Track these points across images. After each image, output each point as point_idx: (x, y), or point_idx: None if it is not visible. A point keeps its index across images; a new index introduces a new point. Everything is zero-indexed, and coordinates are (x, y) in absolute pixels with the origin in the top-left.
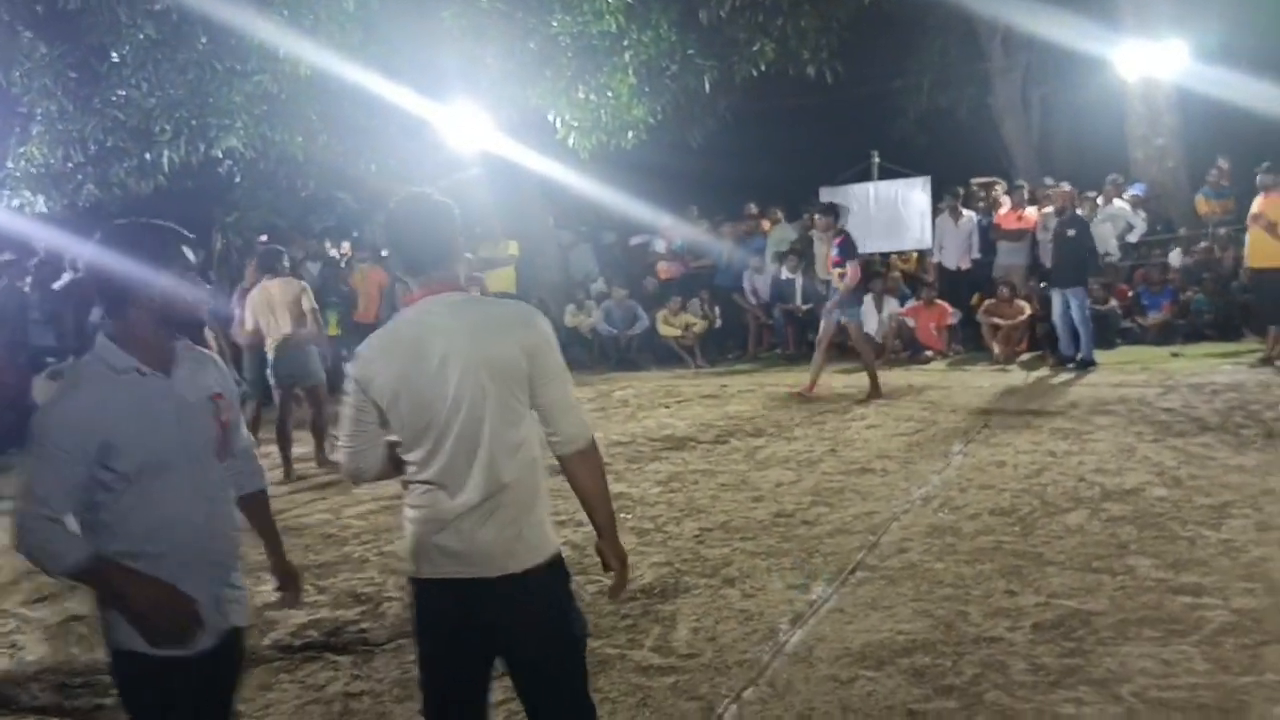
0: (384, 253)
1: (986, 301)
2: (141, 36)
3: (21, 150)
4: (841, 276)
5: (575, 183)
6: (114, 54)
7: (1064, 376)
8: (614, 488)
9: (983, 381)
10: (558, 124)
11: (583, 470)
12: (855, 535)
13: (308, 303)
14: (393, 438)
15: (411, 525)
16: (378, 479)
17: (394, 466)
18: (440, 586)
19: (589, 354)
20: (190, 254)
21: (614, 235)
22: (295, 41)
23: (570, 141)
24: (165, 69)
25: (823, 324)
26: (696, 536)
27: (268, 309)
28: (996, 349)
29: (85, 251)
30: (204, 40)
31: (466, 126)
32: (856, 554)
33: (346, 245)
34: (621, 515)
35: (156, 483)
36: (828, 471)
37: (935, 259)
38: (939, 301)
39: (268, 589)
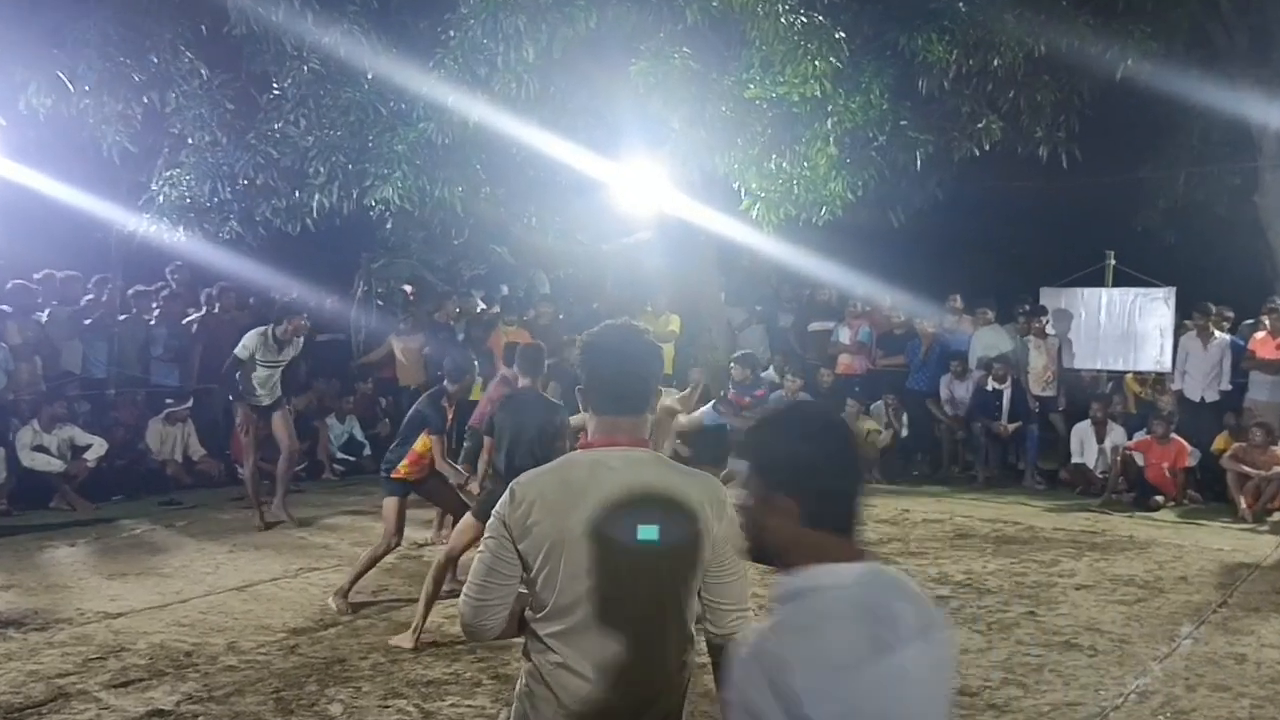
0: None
1: (1235, 445)
2: (306, 70)
3: (168, 174)
4: None
5: (754, 255)
6: (275, 86)
7: None
8: None
9: (1223, 542)
10: (742, 193)
11: None
12: None
13: None
14: (524, 593)
15: (539, 705)
16: (497, 639)
17: (518, 626)
18: None
19: None
20: None
21: (792, 318)
22: (466, 90)
23: (754, 214)
24: (327, 106)
25: None
26: None
27: None
28: (1243, 503)
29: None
30: (370, 77)
31: (642, 187)
32: None
33: (495, 307)
34: None
35: None
36: (1023, 640)
37: (1176, 386)
38: (1175, 437)
39: None
